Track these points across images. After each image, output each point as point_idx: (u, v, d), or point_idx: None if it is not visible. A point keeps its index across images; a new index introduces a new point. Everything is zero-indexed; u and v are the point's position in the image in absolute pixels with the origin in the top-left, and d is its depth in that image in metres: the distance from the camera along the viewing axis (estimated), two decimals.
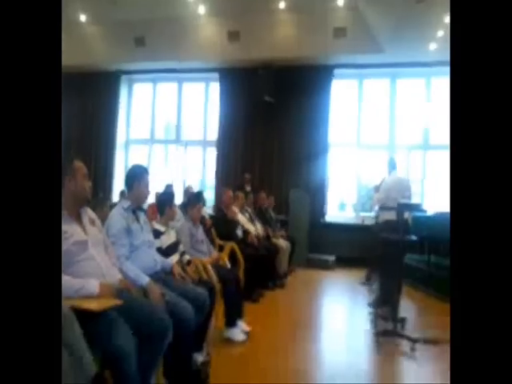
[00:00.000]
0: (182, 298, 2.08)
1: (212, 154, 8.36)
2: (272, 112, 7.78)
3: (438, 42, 6.27)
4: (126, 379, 1.58)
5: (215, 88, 8.37)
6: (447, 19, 5.59)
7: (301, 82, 7.73)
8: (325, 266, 6.80)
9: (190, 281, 2.44)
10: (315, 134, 7.72)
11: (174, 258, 2.64)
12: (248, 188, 7.07)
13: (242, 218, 4.92)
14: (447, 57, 6.40)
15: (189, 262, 2.69)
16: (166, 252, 2.58)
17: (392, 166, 4.53)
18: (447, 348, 3.07)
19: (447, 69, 6.99)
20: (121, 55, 7.94)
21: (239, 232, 4.67)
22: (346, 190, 7.07)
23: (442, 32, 6.01)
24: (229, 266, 3.39)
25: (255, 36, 7.20)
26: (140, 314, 1.75)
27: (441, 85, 7.66)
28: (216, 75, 8.19)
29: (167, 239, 2.66)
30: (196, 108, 8.75)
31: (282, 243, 5.69)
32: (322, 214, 7.73)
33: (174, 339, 1.99)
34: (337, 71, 7.73)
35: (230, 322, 3.00)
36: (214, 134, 8.32)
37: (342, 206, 8.00)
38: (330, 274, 6.53)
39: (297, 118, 7.76)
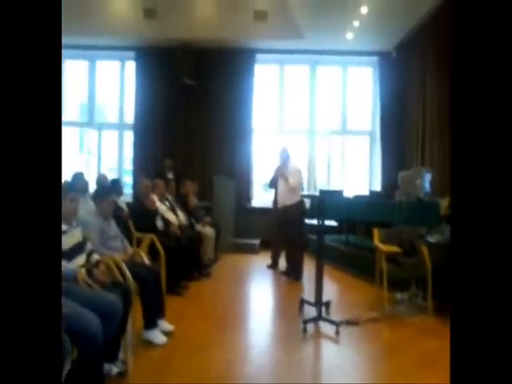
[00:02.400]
0: (86, 309, 1.82)
1: (130, 138, 7.83)
2: (193, 95, 7.48)
3: (354, 31, 6.37)
4: None
5: (131, 67, 7.79)
6: (363, 9, 5.69)
7: (223, 65, 7.51)
8: (250, 250, 6.81)
9: (99, 286, 2.17)
10: (239, 118, 7.58)
11: (80, 260, 2.32)
12: (170, 175, 6.73)
13: (161, 208, 4.63)
14: (362, 47, 6.62)
15: (98, 263, 2.39)
16: (69, 255, 2.25)
17: (288, 158, 5.25)
18: (366, 328, 3.23)
19: (362, 58, 7.27)
20: None
21: (159, 223, 4.38)
22: (269, 174, 7.13)
23: (357, 22, 6.07)
24: (147, 261, 3.12)
25: (173, 15, 6.80)
26: None
27: (356, 74, 7.92)
28: (132, 54, 7.62)
29: (70, 240, 2.31)
30: (111, 88, 8.09)
31: (207, 231, 5.51)
32: (248, 198, 7.67)
33: (80, 356, 1.75)
34: (259, 56, 7.62)
35: (149, 324, 2.77)
36: (131, 116, 7.78)
37: (266, 189, 8.02)
38: (255, 257, 6.53)
39: (220, 101, 7.54)
